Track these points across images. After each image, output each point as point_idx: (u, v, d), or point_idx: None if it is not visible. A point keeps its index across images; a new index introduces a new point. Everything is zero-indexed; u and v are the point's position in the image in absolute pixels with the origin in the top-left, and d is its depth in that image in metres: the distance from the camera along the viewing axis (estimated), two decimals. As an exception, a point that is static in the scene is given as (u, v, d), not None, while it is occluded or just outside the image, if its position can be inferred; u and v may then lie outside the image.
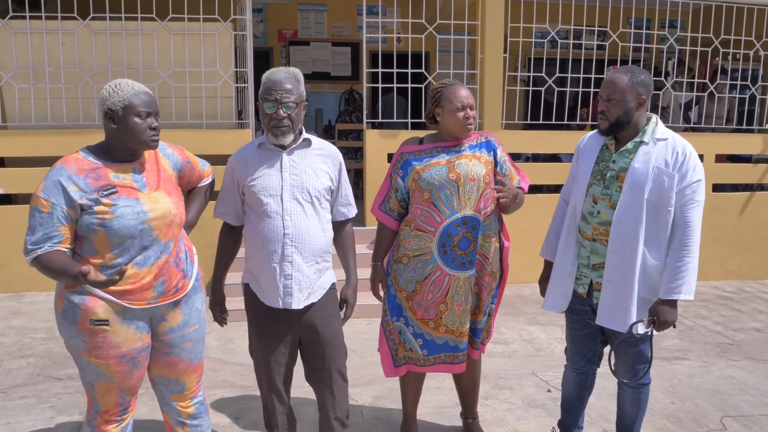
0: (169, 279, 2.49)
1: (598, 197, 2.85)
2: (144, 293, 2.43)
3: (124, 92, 2.36)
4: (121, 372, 2.45)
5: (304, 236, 2.78)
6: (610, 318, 2.83)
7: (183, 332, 2.61)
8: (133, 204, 2.38)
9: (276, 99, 2.68)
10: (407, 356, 3.21)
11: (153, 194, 2.46)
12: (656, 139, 2.79)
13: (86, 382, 2.50)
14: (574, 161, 3.10)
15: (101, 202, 2.34)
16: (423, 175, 3.03)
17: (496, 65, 6.76)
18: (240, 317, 5.38)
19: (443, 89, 3.07)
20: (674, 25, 9.27)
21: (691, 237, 2.72)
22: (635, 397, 3.04)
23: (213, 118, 6.50)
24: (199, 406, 2.79)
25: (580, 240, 2.95)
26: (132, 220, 2.36)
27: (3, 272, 6.16)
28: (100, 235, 2.34)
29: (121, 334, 2.42)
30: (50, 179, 2.34)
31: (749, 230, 7.38)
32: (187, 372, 2.67)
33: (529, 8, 6.76)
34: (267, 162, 2.79)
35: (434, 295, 3.10)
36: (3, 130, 6.36)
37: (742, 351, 5.00)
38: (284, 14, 10.29)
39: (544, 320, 5.60)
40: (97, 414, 2.54)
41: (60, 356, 4.58)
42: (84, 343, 2.40)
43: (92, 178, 2.36)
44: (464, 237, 3.04)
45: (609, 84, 2.76)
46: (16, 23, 6.18)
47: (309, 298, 2.82)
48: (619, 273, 2.78)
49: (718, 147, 7.36)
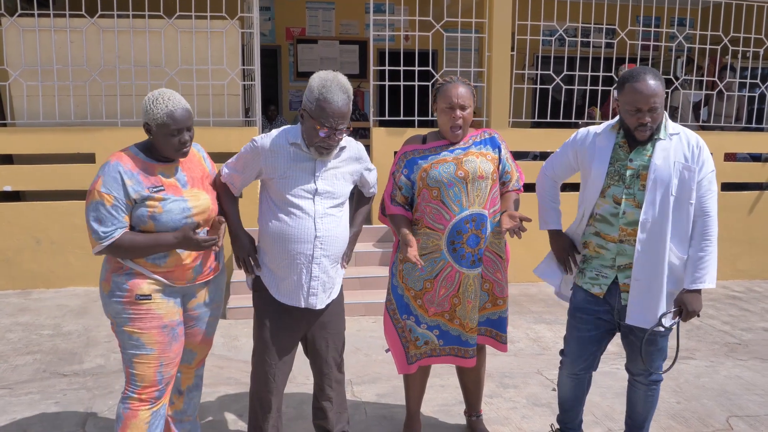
0: (205, 261, 2.77)
1: (621, 198, 2.79)
2: (185, 273, 2.70)
3: (160, 110, 2.54)
4: (161, 343, 2.65)
5: (333, 239, 2.84)
6: (641, 316, 2.80)
7: (209, 308, 2.88)
8: (179, 200, 2.63)
9: (332, 127, 2.67)
10: (418, 353, 3.20)
11: (194, 191, 2.71)
12: (670, 135, 2.78)
13: (126, 359, 2.67)
14: (572, 153, 3.00)
15: (152, 198, 2.58)
16: (431, 173, 3.01)
17: (504, 63, 6.74)
18: (244, 315, 5.44)
19: (440, 87, 3.04)
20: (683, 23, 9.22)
21: (711, 227, 2.77)
22: (648, 394, 3.02)
23: (220, 116, 6.52)
24: (197, 379, 3.02)
25: (599, 243, 2.89)
26: (178, 214, 2.61)
27: (11, 268, 6.20)
28: (149, 225, 2.59)
29: (163, 306, 2.66)
30: (108, 174, 2.54)
31: (759, 230, 7.32)
32: (202, 344, 2.94)
33: (536, 6, 6.73)
34: (299, 163, 2.79)
35: (447, 290, 3.09)
36: (11, 127, 6.40)
37: (750, 351, 4.96)
38: (292, 12, 10.30)
39: (550, 319, 5.58)
40: (133, 392, 2.66)
41: (66, 353, 4.60)
42: (129, 317, 2.62)
43: (143, 175, 2.60)
44: (473, 234, 3.03)
45: (651, 95, 2.64)
46: (24, 21, 6.22)
47: (330, 297, 2.93)
48: (647, 271, 2.76)
49: (728, 145, 7.30)
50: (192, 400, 3.02)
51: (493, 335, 3.25)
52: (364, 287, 5.90)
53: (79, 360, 4.49)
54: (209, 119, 6.43)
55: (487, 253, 3.11)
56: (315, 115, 2.66)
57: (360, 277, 5.86)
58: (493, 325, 3.24)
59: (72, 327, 5.18)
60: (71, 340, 4.88)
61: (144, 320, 2.62)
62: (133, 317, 2.61)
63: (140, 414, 2.65)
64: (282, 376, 2.92)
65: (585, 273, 2.97)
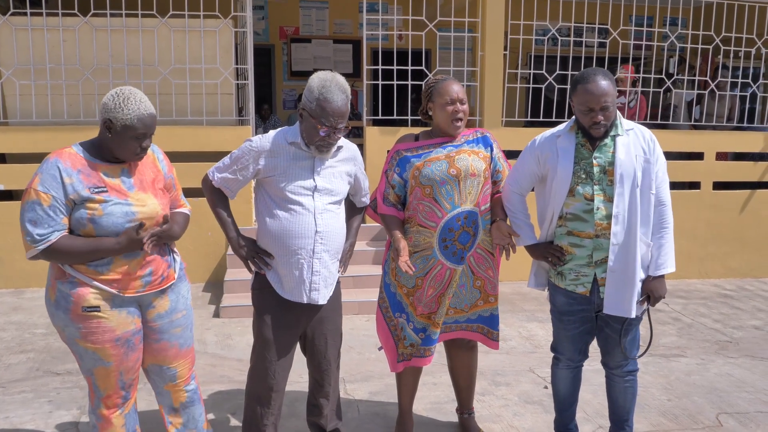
0: (155, 270, 2.59)
1: (592, 194, 2.86)
2: (132, 282, 2.52)
3: (129, 112, 2.39)
4: (117, 355, 2.52)
5: (333, 235, 2.87)
6: (617, 305, 2.89)
7: (171, 318, 2.70)
8: (122, 203, 2.46)
9: (332, 126, 2.72)
10: (406, 353, 3.22)
11: (141, 195, 2.53)
12: (627, 131, 2.91)
13: (85, 370, 2.56)
14: (533, 160, 3.02)
15: (93, 199, 2.41)
16: (423, 171, 3.04)
17: (497, 62, 6.76)
18: (238, 313, 5.45)
19: (435, 84, 3.08)
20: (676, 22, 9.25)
21: (668, 215, 2.92)
22: (626, 386, 3.07)
23: (213, 115, 6.52)
24: (191, 395, 2.85)
25: (572, 242, 2.93)
26: (120, 218, 2.44)
27: (4, 268, 6.20)
28: (89, 229, 2.42)
29: (114, 318, 2.49)
30: (47, 172, 2.39)
31: (750, 228, 7.37)
32: (177, 358, 2.75)
33: (529, 5, 6.75)
34: (299, 161, 2.83)
35: (435, 289, 3.12)
36: (4, 126, 6.39)
37: (741, 348, 4.99)
38: (285, 11, 10.30)
39: (543, 317, 5.60)
40: (99, 401, 2.60)
41: (59, 351, 4.60)
42: (78, 330, 2.47)
43: (84, 174, 2.43)
44: (465, 231, 3.06)
45: (601, 95, 2.76)
46: (17, 20, 6.21)
47: (330, 292, 2.95)
48: (621, 261, 2.85)
49: (720, 145, 7.35)
50: (191, 415, 2.86)
51: (484, 332, 3.27)
52: (358, 286, 5.91)
53: (72, 359, 4.46)
54: (202, 118, 6.43)
55: (478, 250, 3.13)
56: (315, 114, 2.71)
57: (353, 275, 5.86)
58: (485, 322, 3.26)
59: (65, 326, 5.17)
60: (64, 339, 4.88)
61: (95, 334, 2.46)
62: (83, 331, 2.45)
63: (114, 420, 2.61)
64: (283, 373, 2.94)
65: (564, 275, 2.99)
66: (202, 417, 2.92)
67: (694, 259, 7.20)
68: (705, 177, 7.26)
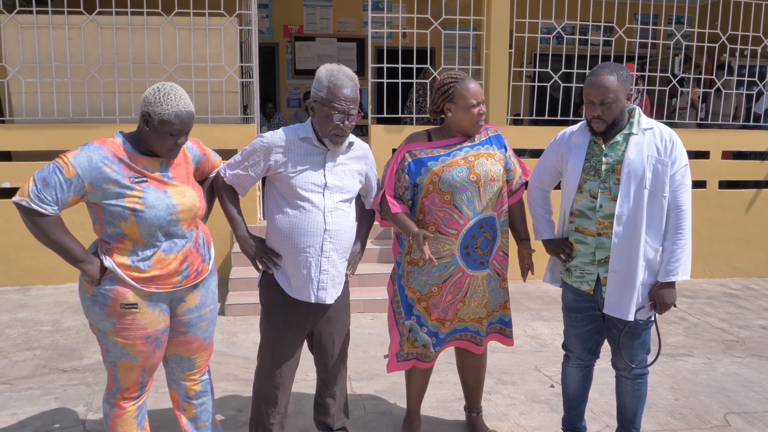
0: (191, 264, 2.62)
1: (597, 192, 2.86)
2: (170, 278, 2.56)
3: (168, 108, 2.42)
4: (145, 352, 2.57)
5: (342, 233, 2.85)
6: (616, 306, 2.86)
7: (200, 312, 2.73)
8: (162, 196, 2.48)
9: (345, 111, 2.72)
10: (415, 352, 3.19)
11: (180, 188, 2.56)
12: (643, 130, 2.84)
13: (109, 361, 2.59)
14: (553, 155, 3.06)
15: (133, 188, 2.43)
16: (443, 177, 2.97)
17: (502, 61, 6.75)
18: (243, 311, 5.44)
19: (455, 84, 2.99)
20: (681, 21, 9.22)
21: (684, 220, 2.80)
22: (635, 389, 3.05)
23: (218, 113, 6.52)
24: (205, 385, 2.89)
25: (578, 238, 2.95)
26: (162, 211, 2.47)
27: (10, 265, 6.21)
28: (131, 222, 2.43)
29: (148, 316, 2.53)
30: (85, 152, 2.41)
31: (756, 227, 7.35)
32: (199, 350, 2.80)
33: (534, 4, 6.74)
34: (311, 157, 2.82)
35: (454, 296, 3.08)
36: (10, 124, 6.40)
37: (747, 348, 4.98)
38: (290, 10, 10.29)
39: (548, 316, 5.60)
40: (117, 392, 2.63)
41: (65, 349, 4.61)
42: (113, 325, 2.50)
43: (125, 164, 2.45)
44: (485, 238, 3.04)
45: (600, 88, 2.73)
46: (23, 18, 6.21)
47: (338, 292, 2.93)
48: (623, 263, 2.82)
49: (725, 143, 7.33)
50: (203, 405, 2.89)
51: (502, 332, 3.30)
52: (363, 284, 5.91)
53: (78, 356, 4.49)
54: (207, 116, 6.43)
55: (499, 253, 3.14)
56: (327, 101, 2.71)
57: (359, 274, 5.84)
58: (503, 323, 3.29)
59: (71, 323, 5.18)
60: (70, 336, 4.89)
61: (129, 330, 2.50)
62: (117, 326, 2.50)
63: (127, 410, 2.65)
64: (289, 372, 2.94)
65: (571, 272, 3.01)
66: (213, 408, 2.95)
67: (699, 258, 7.18)
68: (711, 176, 7.24)
